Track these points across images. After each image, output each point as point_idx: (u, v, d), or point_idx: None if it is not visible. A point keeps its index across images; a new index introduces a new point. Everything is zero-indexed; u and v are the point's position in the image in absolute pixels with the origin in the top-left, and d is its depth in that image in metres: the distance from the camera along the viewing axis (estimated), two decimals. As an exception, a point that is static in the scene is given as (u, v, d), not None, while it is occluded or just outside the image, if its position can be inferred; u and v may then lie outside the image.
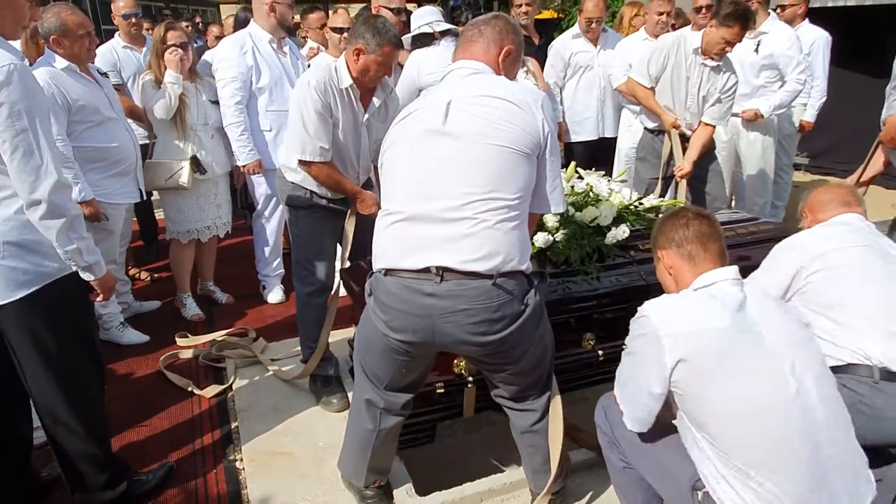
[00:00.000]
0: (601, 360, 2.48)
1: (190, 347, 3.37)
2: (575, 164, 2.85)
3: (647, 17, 4.49)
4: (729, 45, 3.36)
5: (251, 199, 4.11)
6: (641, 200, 2.77)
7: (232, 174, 3.87)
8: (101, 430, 2.18)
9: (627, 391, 1.77)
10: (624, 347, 1.80)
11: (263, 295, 4.03)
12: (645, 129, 3.99)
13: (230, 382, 3.04)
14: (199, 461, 2.55)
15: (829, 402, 1.60)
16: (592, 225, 2.47)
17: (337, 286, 2.82)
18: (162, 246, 4.55)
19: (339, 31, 3.56)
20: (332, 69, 2.52)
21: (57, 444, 2.09)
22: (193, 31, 6.65)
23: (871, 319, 1.93)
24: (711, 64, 3.48)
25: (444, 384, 2.30)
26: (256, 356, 3.24)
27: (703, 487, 1.65)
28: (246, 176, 3.83)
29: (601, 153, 4.60)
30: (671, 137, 3.71)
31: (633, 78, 3.82)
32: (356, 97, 2.58)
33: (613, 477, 1.99)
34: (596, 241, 2.45)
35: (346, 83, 2.51)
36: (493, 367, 1.97)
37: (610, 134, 4.66)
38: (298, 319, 2.97)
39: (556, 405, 2.07)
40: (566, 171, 2.72)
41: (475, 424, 2.77)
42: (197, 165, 3.51)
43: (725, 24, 3.28)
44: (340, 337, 3.10)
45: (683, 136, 3.70)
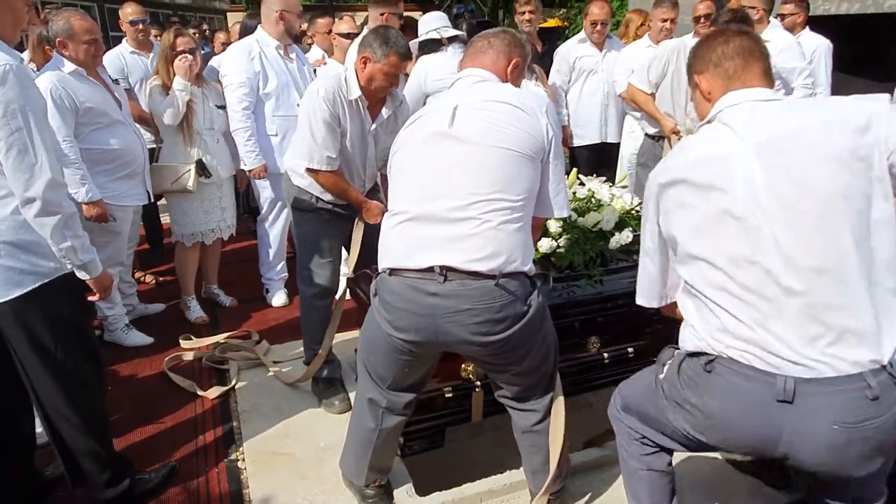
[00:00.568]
0: (606, 362, 2.49)
1: (193, 349, 3.39)
2: (577, 170, 2.88)
3: (651, 24, 4.53)
4: None
5: (254, 203, 4.14)
6: (642, 205, 2.78)
7: (236, 177, 3.90)
8: (102, 426, 2.19)
9: (638, 273, 1.81)
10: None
11: (267, 298, 4.05)
12: (645, 134, 4.01)
13: (233, 384, 3.06)
14: (201, 461, 2.56)
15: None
16: (595, 230, 2.50)
17: (343, 291, 2.84)
18: (167, 250, 4.58)
19: (345, 36, 3.61)
20: (341, 79, 2.56)
21: (59, 441, 2.10)
22: (200, 38, 6.71)
23: None
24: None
25: (451, 389, 2.31)
26: (259, 358, 3.26)
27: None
28: (249, 180, 3.86)
29: (605, 158, 4.62)
30: (671, 143, 3.73)
31: (633, 84, 3.85)
32: (364, 107, 2.61)
33: (626, 479, 1.95)
34: (599, 245, 2.47)
35: (354, 94, 2.55)
36: (496, 367, 1.99)
37: (612, 139, 4.68)
38: (302, 322, 2.98)
39: (558, 406, 2.07)
40: (568, 177, 2.75)
41: (479, 429, 2.78)
42: (202, 169, 3.53)
43: None
44: (343, 339, 3.11)
45: (683, 141, 3.72)
